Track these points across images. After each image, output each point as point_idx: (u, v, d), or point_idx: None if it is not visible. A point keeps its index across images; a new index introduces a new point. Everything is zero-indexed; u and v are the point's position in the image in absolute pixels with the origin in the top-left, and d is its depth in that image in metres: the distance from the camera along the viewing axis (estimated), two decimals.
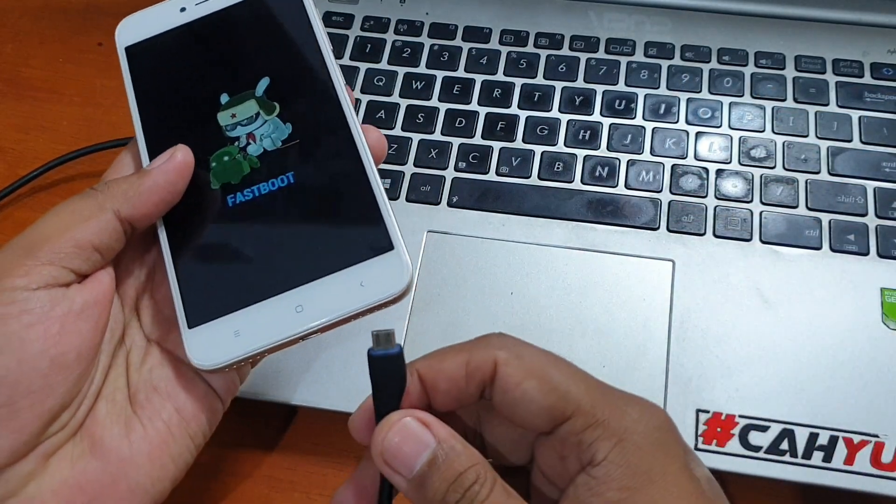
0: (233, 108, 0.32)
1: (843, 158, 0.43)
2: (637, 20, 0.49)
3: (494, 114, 0.45)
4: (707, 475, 0.26)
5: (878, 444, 0.35)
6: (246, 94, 0.32)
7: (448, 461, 0.24)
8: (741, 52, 0.47)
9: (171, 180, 0.29)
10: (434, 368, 0.26)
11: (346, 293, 0.28)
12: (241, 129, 0.32)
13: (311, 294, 0.28)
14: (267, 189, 0.31)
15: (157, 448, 0.28)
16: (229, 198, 0.31)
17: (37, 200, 0.47)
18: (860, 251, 0.40)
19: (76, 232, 0.27)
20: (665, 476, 0.24)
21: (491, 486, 0.23)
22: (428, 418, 0.24)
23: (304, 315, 0.28)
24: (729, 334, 0.38)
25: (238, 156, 0.31)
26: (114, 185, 0.29)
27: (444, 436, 0.24)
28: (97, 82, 0.51)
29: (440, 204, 0.42)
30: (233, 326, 0.29)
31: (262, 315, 0.29)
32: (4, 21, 0.55)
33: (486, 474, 0.24)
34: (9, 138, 0.49)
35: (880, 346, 0.37)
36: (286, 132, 0.31)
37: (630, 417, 0.25)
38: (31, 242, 0.27)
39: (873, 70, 0.46)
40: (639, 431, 0.24)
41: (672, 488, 0.24)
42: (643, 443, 0.24)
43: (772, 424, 0.35)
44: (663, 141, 0.44)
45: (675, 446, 0.25)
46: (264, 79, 0.32)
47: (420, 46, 0.48)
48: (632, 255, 0.40)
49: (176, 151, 0.30)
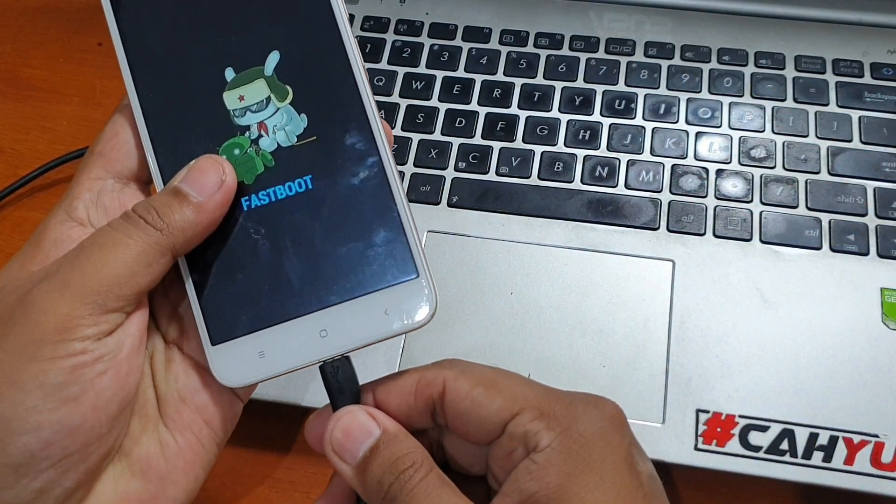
0: (240, 87, 0.28)
1: (843, 158, 0.43)
2: (637, 20, 0.49)
3: (494, 114, 0.45)
4: (650, 472, 0.26)
5: (878, 444, 0.35)
6: (254, 71, 0.28)
7: (388, 447, 0.25)
8: (741, 52, 0.47)
9: (224, 211, 0.28)
10: (386, 386, 0.27)
11: (370, 320, 0.27)
12: (252, 117, 0.28)
13: (335, 318, 0.27)
14: (284, 194, 0.28)
15: (190, 462, 0.28)
16: (244, 200, 0.28)
17: (37, 200, 0.47)
18: (860, 251, 0.40)
19: (140, 279, 0.26)
20: (603, 465, 0.25)
21: (426, 473, 0.24)
22: (375, 412, 0.26)
23: (328, 340, 0.27)
24: (729, 334, 0.38)
25: (250, 150, 0.28)
26: (169, 220, 0.27)
27: (389, 426, 0.25)
28: (97, 82, 0.52)
29: (440, 204, 0.42)
30: (257, 346, 0.27)
31: (287, 336, 0.27)
32: (4, 21, 0.55)
33: (422, 461, 0.24)
34: (9, 138, 0.49)
35: (880, 346, 0.37)
36: (301, 125, 0.28)
37: (577, 410, 0.25)
38: (96, 286, 0.26)
39: (873, 70, 0.46)
40: (583, 422, 0.25)
41: (609, 477, 0.24)
42: (586, 432, 0.25)
43: (772, 424, 0.35)
44: (663, 141, 0.44)
45: (619, 439, 0.25)
46: (274, 53, 0.28)
47: (420, 46, 0.48)
48: (632, 255, 0.40)
49: (224, 174, 0.27)
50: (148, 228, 0.26)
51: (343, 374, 0.27)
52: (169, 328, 0.29)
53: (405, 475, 0.24)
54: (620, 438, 0.25)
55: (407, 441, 0.25)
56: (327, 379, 0.27)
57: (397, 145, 0.44)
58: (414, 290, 0.27)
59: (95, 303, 0.25)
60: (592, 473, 0.25)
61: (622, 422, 0.26)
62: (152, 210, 0.27)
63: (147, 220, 0.26)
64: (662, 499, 0.26)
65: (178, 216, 0.27)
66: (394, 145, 0.29)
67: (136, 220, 0.26)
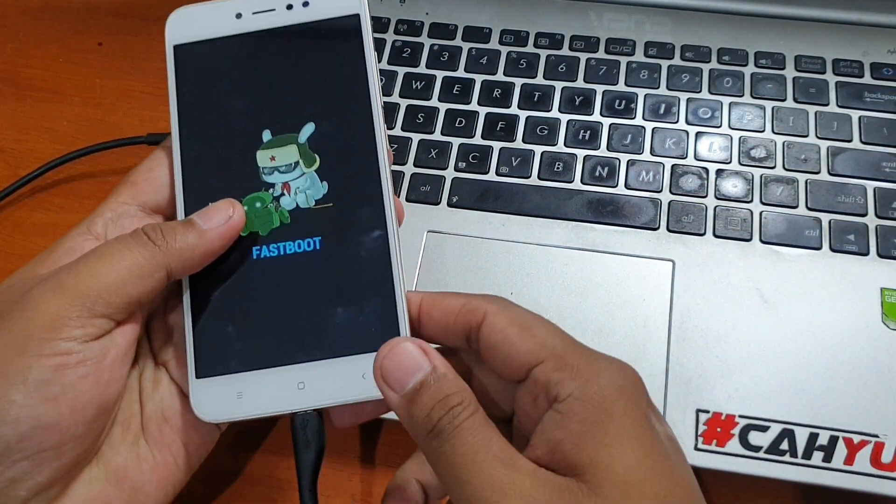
0: (274, 149, 0.31)
1: (843, 158, 0.43)
2: (637, 20, 0.49)
3: (494, 114, 0.45)
4: (669, 433, 0.26)
5: (878, 444, 0.35)
6: (289, 137, 0.31)
7: (438, 384, 0.25)
8: (741, 52, 0.47)
9: (224, 243, 0.29)
10: (433, 300, 0.28)
11: (347, 381, 0.28)
12: (279, 176, 0.30)
13: (314, 373, 0.29)
14: (292, 250, 0.30)
15: (164, 478, 0.29)
16: (255, 249, 0.30)
17: (37, 200, 0.47)
18: (860, 251, 0.40)
19: (131, 288, 0.27)
20: (624, 418, 0.25)
21: (472, 411, 0.25)
22: (426, 346, 0.26)
23: (304, 393, 0.28)
24: (729, 334, 0.38)
25: (270, 205, 0.30)
26: (170, 239, 0.28)
27: (439, 363, 0.26)
28: (97, 82, 0.52)
29: (440, 204, 0.42)
30: (237, 387, 0.29)
31: (266, 382, 0.29)
32: (4, 21, 0.55)
33: (470, 401, 0.25)
34: (9, 138, 0.49)
35: (880, 346, 0.37)
36: (321, 191, 0.30)
37: (599, 366, 0.26)
38: (87, 289, 0.27)
39: (873, 70, 0.46)
40: (605, 378, 0.26)
41: (630, 429, 0.25)
42: (607, 388, 0.26)
43: (772, 424, 0.35)
44: (663, 141, 0.44)
45: (640, 398, 0.26)
46: (310, 124, 0.31)
47: (420, 46, 0.48)
48: (632, 255, 0.40)
49: (233, 212, 0.29)
50: (148, 244, 0.28)
51: (311, 428, 0.28)
52: (161, 351, 0.31)
53: (454, 411, 0.25)
54: (640, 398, 0.26)
55: (456, 380, 0.26)
56: (295, 430, 0.28)
57: (397, 145, 0.44)
58: None
59: (84, 306, 0.27)
60: (613, 423, 0.25)
61: (641, 387, 0.26)
62: (157, 229, 0.28)
63: (150, 236, 0.28)
64: (681, 456, 0.26)
65: (180, 238, 0.28)
66: (401, 220, 0.31)
67: (140, 235, 0.28)
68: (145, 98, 0.50)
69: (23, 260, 0.44)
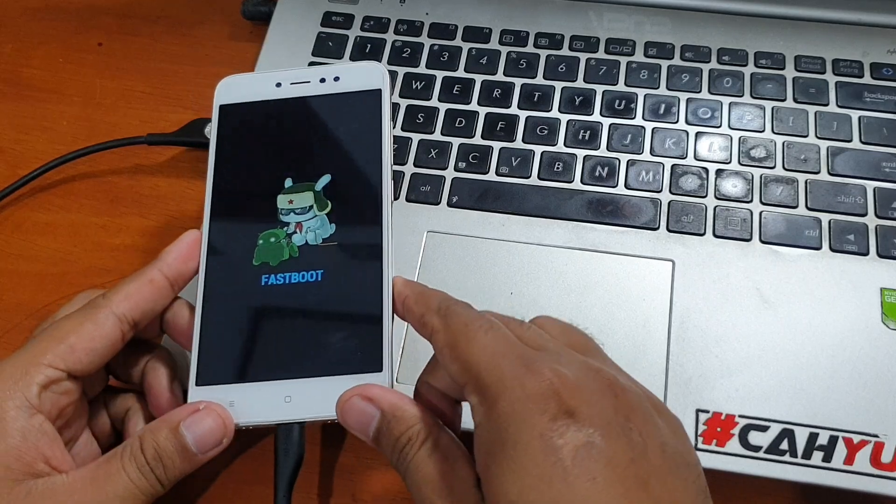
0: (292, 194, 0.35)
1: (843, 158, 0.43)
2: (637, 20, 0.49)
3: (494, 114, 0.45)
4: (582, 442, 0.24)
5: (878, 444, 0.35)
6: (307, 184, 0.35)
7: (389, 428, 0.29)
8: (741, 52, 0.47)
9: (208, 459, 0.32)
10: (413, 299, 0.31)
11: (329, 399, 0.31)
12: (294, 217, 0.35)
13: (301, 389, 0.32)
14: (297, 279, 0.33)
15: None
16: (264, 276, 0.34)
17: (37, 200, 0.47)
18: (860, 251, 0.40)
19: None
20: (515, 447, 0.24)
21: (419, 446, 0.28)
22: (373, 393, 0.29)
23: (290, 406, 0.31)
24: (729, 334, 0.38)
25: (283, 240, 0.34)
26: (168, 472, 0.30)
27: (387, 406, 0.29)
28: (97, 82, 0.52)
29: (440, 204, 0.42)
30: (230, 396, 0.32)
31: (256, 394, 0.32)
32: (4, 21, 0.55)
33: (417, 436, 0.28)
34: (9, 138, 0.49)
35: (880, 346, 0.37)
36: (329, 232, 0.34)
37: (504, 384, 0.26)
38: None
39: (873, 70, 0.46)
40: (504, 399, 0.25)
41: (520, 460, 0.24)
42: (503, 411, 0.25)
43: (772, 424, 0.35)
44: (663, 141, 0.44)
45: (538, 416, 0.25)
46: (326, 176, 0.35)
47: (420, 46, 0.48)
48: (632, 255, 0.40)
49: (224, 440, 0.31)
50: (146, 474, 0.30)
51: (292, 439, 0.32)
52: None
53: (404, 452, 0.28)
54: (539, 415, 0.25)
55: (405, 416, 0.28)
56: (277, 439, 0.32)
57: (398, 145, 0.44)
58: (375, 383, 0.31)
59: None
60: (505, 456, 0.25)
61: (545, 394, 0.25)
62: (158, 459, 0.30)
63: (151, 466, 0.30)
64: (592, 469, 0.24)
65: (177, 468, 0.31)
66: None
67: (142, 463, 0.30)
68: (145, 98, 0.51)
69: (23, 260, 0.45)
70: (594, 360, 0.28)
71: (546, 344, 0.28)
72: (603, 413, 0.25)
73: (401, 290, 0.32)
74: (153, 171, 0.47)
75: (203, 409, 0.31)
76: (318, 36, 0.49)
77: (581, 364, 0.26)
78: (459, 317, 0.28)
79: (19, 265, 0.45)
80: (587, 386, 0.25)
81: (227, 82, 0.39)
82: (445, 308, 0.29)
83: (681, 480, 0.25)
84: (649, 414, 0.26)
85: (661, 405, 0.28)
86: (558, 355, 0.27)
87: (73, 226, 0.46)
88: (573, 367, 0.26)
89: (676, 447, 0.26)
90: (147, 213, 0.46)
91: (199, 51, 0.52)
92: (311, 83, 0.38)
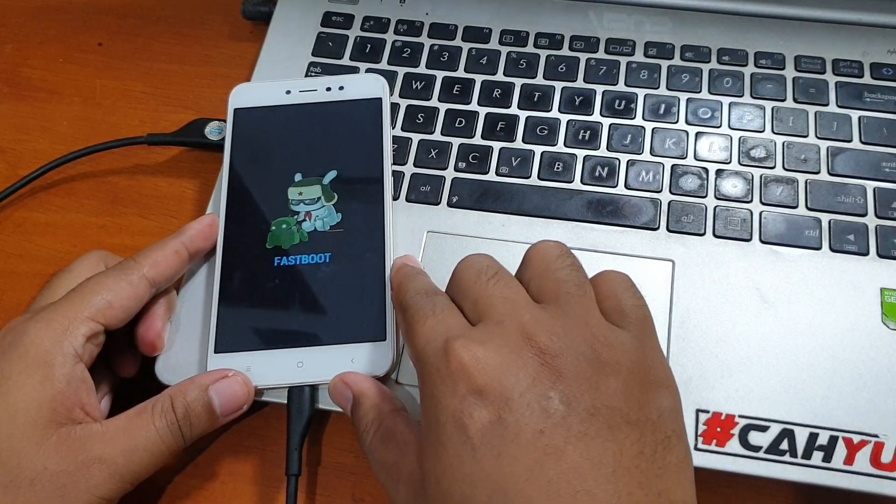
0: (302, 187, 0.39)
1: (843, 158, 0.43)
2: (637, 20, 0.49)
3: (494, 114, 0.45)
4: (491, 419, 0.25)
5: (878, 444, 0.35)
6: (315, 179, 0.40)
7: (354, 413, 0.33)
8: (741, 52, 0.47)
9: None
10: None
11: (338, 364, 0.35)
12: (303, 207, 0.39)
13: (312, 356, 0.36)
14: (306, 261, 0.38)
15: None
16: (276, 258, 0.38)
17: (37, 200, 0.47)
18: (860, 251, 0.40)
19: (143, 465, 0.33)
20: (436, 428, 0.26)
21: (373, 432, 0.31)
22: (349, 378, 0.34)
23: (302, 371, 0.36)
24: (729, 334, 0.38)
25: (294, 227, 0.39)
26: (195, 428, 0.34)
27: (356, 392, 0.33)
28: (97, 82, 0.52)
29: (440, 204, 0.42)
30: (246, 363, 0.36)
31: (271, 361, 0.36)
32: (4, 21, 0.55)
33: (371, 423, 0.31)
34: (9, 138, 0.49)
35: (880, 346, 0.37)
36: (336, 220, 0.39)
37: (430, 366, 0.27)
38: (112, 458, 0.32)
39: (873, 70, 0.46)
40: (429, 380, 0.27)
41: (441, 440, 0.26)
42: (429, 392, 0.27)
43: (772, 424, 0.35)
44: (663, 141, 0.44)
45: (450, 397, 0.26)
46: (333, 171, 0.40)
47: (420, 46, 0.48)
48: (632, 255, 0.40)
49: (245, 404, 0.35)
50: (175, 432, 0.33)
51: (303, 400, 0.35)
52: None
53: (362, 438, 0.32)
54: (451, 397, 0.26)
55: (364, 404, 0.32)
56: (291, 400, 0.35)
57: (398, 146, 0.44)
58: (380, 350, 0.36)
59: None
60: (429, 438, 0.26)
61: (454, 375, 0.26)
62: (187, 418, 0.33)
63: (180, 425, 0.33)
64: (497, 446, 0.24)
65: (204, 425, 0.34)
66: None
67: (172, 421, 0.33)
68: (145, 98, 0.51)
69: (23, 260, 0.45)
70: (549, 317, 0.28)
71: (489, 310, 0.28)
72: (516, 386, 0.25)
73: (392, 277, 0.36)
74: (153, 171, 0.47)
75: (231, 375, 0.34)
76: (318, 36, 0.49)
77: (510, 335, 0.27)
78: (409, 310, 0.31)
79: (19, 265, 0.45)
80: (504, 360, 0.26)
81: (241, 88, 0.42)
82: (405, 302, 0.32)
83: (611, 442, 0.24)
84: (585, 378, 0.26)
85: (631, 365, 0.27)
86: (492, 327, 0.27)
87: (73, 226, 0.46)
88: (495, 340, 0.27)
89: (614, 407, 0.25)
90: (147, 213, 0.46)
91: (199, 51, 0.52)
92: (318, 91, 0.42)
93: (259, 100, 0.42)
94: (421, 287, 0.32)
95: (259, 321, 0.37)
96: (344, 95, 0.42)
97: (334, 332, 0.36)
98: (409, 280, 0.33)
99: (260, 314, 0.37)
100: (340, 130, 0.41)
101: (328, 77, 0.43)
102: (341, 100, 0.42)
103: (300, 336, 0.36)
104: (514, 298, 0.29)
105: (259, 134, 0.41)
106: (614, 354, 0.27)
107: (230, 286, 0.37)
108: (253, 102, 0.42)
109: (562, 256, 0.31)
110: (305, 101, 0.42)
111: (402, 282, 0.34)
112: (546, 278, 0.30)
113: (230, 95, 0.42)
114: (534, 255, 0.31)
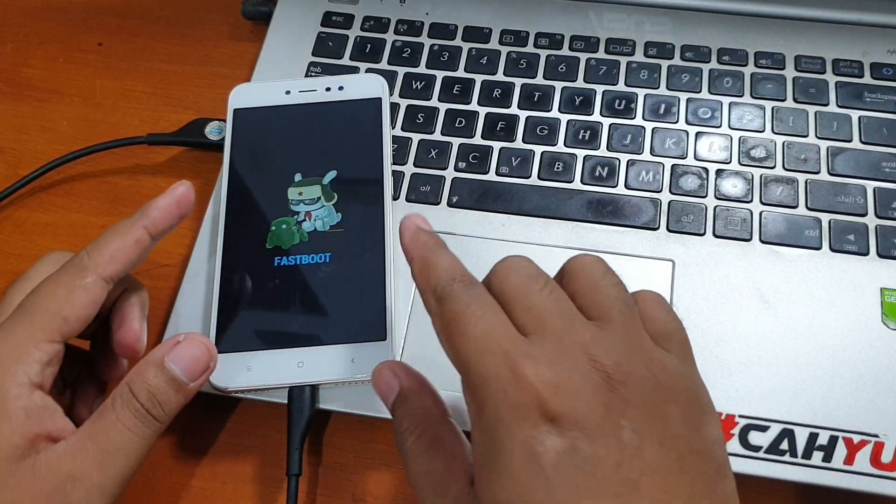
0: (302, 187, 0.39)
1: (843, 158, 0.43)
2: (637, 20, 0.49)
3: (494, 114, 0.45)
4: (563, 447, 0.23)
5: (878, 444, 0.35)
6: (315, 179, 0.40)
7: (399, 408, 0.30)
8: (741, 52, 0.47)
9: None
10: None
11: (339, 364, 0.35)
12: (303, 207, 0.39)
13: (312, 355, 0.36)
14: (306, 261, 0.38)
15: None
16: (276, 258, 0.38)
17: (37, 200, 0.47)
18: (860, 251, 0.40)
19: (122, 465, 0.30)
20: (500, 456, 0.24)
21: (417, 437, 0.28)
22: (399, 369, 0.30)
23: (302, 370, 0.35)
24: (729, 334, 0.38)
25: (294, 227, 0.39)
26: (167, 410, 0.31)
27: (405, 386, 0.30)
28: (97, 82, 0.52)
29: (440, 204, 0.42)
30: (248, 362, 0.36)
31: (271, 361, 0.36)
32: (4, 21, 0.55)
33: (416, 425, 0.29)
34: (9, 138, 0.49)
35: (880, 346, 0.37)
36: (336, 220, 0.39)
37: (493, 386, 0.24)
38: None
39: (873, 70, 0.46)
40: (492, 402, 0.24)
41: (506, 468, 0.24)
42: (494, 415, 0.24)
43: (772, 424, 0.35)
44: (663, 141, 0.44)
45: (519, 424, 0.24)
46: (332, 171, 0.40)
47: (420, 46, 0.48)
48: (632, 255, 0.40)
49: (211, 364, 0.33)
50: (148, 421, 0.30)
51: (304, 399, 0.35)
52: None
53: (402, 438, 0.29)
54: (521, 423, 0.24)
55: (411, 403, 0.29)
56: (291, 400, 0.35)
57: (398, 146, 0.44)
58: (380, 350, 0.36)
59: None
60: (492, 462, 0.24)
61: (526, 402, 0.24)
62: (157, 405, 0.31)
63: (151, 413, 0.30)
64: (574, 477, 0.23)
65: (174, 405, 0.31)
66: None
67: (142, 413, 0.30)
68: (145, 98, 0.51)
69: (23, 260, 0.45)
70: (609, 338, 0.26)
71: (546, 323, 0.26)
72: (590, 414, 0.24)
73: (407, 245, 0.30)
74: (153, 171, 0.47)
75: (183, 339, 0.32)
76: (318, 36, 0.49)
77: (575, 356, 0.25)
78: (453, 303, 0.27)
79: (19, 265, 0.45)
80: (575, 385, 0.24)
81: (241, 88, 0.42)
82: (442, 290, 0.27)
83: (684, 473, 0.24)
84: (652, 406, 0.25)
85: (686, 391, 0.26)
86: (554, 343, 0.25)
87: (73, 226, 0.46)
88: (563, 362, 0.25)
89: (680, 436, 0.24)
90: None
91: (199, 51, 0.52)
92: (318, 91, 0.42)
93: (259, 100, 0.42)
94: (454, 270, 0.28)
95: (259, 321, 0.37)
96: (344, 95, 0.42)
97: (335, 332, 0.36)
98: (435, 255, 0.29)
99: (260, 314, 0.37)
100: (340, 130, 0.41)
101: (328, 77, 0.43)
102: (341, 100, 0.42)
103: (300, 336, 0.36)
104: (571, 314, 0.27)
105: (259, 134, 0.41)
106: (670, 380, 0.26)
107: (230, 286, 0.37)
108: (253, 102, 0.42)
109: (609, 273, 0.29)
110: (305, 102, 0.42)
111: (426, 256, 0.29)
112: (596, 295, 0.27)
113: (230, 95, 0.42)
114: (578, 268, 0.29)
